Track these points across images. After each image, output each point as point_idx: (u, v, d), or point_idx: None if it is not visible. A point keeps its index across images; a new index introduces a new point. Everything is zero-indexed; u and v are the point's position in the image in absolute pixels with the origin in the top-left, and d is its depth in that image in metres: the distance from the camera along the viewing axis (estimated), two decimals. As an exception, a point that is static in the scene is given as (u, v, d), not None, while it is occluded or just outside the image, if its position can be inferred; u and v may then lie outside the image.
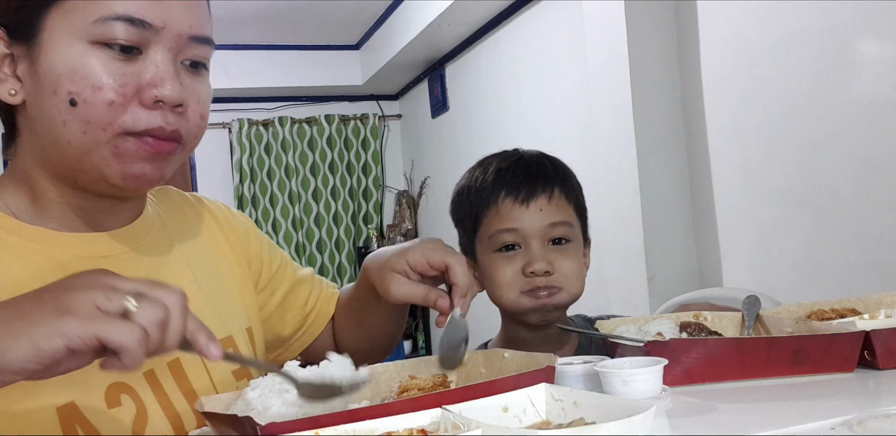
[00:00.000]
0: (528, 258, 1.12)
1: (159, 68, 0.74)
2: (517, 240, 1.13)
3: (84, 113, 0.72)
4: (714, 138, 2.38)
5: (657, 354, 0.80)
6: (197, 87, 0.78)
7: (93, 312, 0.57)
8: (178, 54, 0.76)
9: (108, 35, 0.71)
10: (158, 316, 0.59)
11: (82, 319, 0.56)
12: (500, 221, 1.14)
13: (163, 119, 0.74)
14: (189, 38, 0.76)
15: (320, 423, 0.59)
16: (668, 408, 0.74)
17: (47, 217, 0.79)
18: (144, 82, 0.73)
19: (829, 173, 1.99)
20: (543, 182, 1.15)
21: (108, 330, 0.56)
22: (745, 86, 2.24)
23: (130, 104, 0.73)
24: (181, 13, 0.75)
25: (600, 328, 1.00)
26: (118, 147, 0.74)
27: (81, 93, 0.71)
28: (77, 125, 0.72)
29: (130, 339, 0.57)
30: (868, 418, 0.61)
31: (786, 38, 2.08)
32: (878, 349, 0.83)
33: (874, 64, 1.85)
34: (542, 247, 1.12)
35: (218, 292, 0.91)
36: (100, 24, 0.71)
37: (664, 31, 2.49)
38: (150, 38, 0.73)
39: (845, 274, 1.95)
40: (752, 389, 0.79)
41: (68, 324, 0.56)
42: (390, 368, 0.83)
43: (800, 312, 1.00)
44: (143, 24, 0.72)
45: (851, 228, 1.93)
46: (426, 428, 0.60)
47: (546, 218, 1.13)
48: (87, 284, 0.59)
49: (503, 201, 1.14)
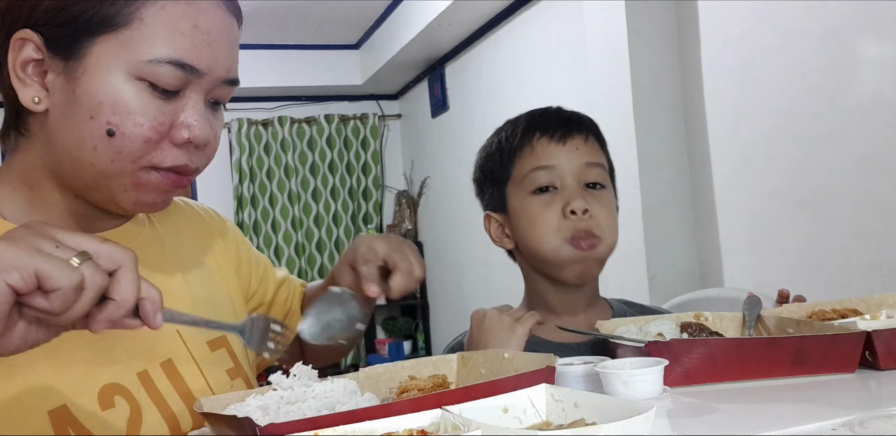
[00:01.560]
0: (566, 198, 1.08)
1: (194, 110, 0.76)
2: (553, 180, 1.09)
3: (119, 145, 0.73)
4: (715, 138, 2.38)
5: (658, 354, 0.80)
6: (216, 125, 0.81)
7: (34, 250, 0.57)
8: (209, 94, 0.78)
9: (156, 76, 0.73)
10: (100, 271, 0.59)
11: (22, 253, 0.56)
12: (536, 160, 1.10)
13: (188, 158, 0.77)
14: (224, 80, 0.78)
15: (319, 423, 0.59)
16: (668, 409, 0.74)
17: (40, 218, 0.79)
18: (178, 122, 0.75)
19: (830, 173, 1.99)
20: (578, 125, 1.13)
21: (47, 265, 0.56)
22: (745, 86, 2.24)
23: (163, 142, 0.75)
24: (225, 59, 0.78)
25: (600, 328, 0.99)
26: (140, 178, 0.76)
27: (121, 126, 0.73)
28: (108, 154, 0.74)
29: (66, 278, 0.56)
30: (869, 419, 0.61)
31: (786, 38, 2.08)
32: (880, 350, 0.83)
33: (875, 64, 1.85)
34: (578, 187, 1.10)
35: (209, 294, 0.91)
36: (151, 65, 0.73)
37: (665, 31, 2.49)
38: (192, 81, 0.75)
39: (846, 274, 1.95)
40: (753, 389, 0.79)
41: (6, 258, 0.55)
42: (390, 368, 0.82)
43: (801, 313, 1.00)
44: (192, 69, 0.74)
45: (852, 228, 1.93)
46: (426, 429, 0.59)
47: (582, 157, 1.10)
48: (32, 232, 0.59)
49: (538, 141, 1.11)
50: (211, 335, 0.88)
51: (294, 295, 1.09)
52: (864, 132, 1.88)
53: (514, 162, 1.13)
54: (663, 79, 2.47)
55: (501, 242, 1.17)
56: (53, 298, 0.57)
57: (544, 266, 1.12)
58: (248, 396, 0.73)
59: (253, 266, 1.03)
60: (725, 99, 2.33)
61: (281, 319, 1.06)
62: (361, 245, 0.91)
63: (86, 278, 0.58)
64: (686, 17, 2.45)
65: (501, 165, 1.15)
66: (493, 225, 1.18)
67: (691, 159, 2.47)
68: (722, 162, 2.35)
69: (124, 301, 0.60)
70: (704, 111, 2.40)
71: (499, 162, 1.15)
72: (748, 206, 2.27)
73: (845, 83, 1.92)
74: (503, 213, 1.15)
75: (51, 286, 0.56)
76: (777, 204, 2.16)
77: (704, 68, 2.39)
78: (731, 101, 2.31)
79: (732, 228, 2.34)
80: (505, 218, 1.15)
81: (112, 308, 0.60)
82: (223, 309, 0.93)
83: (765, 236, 2.22)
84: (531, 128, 1.13)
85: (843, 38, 1.91)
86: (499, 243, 1.18)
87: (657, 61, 2.47)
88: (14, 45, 0.74)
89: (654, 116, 2.45)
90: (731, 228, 2.34)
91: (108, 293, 0.60)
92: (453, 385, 0.81)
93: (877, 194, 1.86)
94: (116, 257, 0.60)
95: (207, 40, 0.75)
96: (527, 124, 1.14)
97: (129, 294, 0.60)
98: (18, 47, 0.74)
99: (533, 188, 1.10)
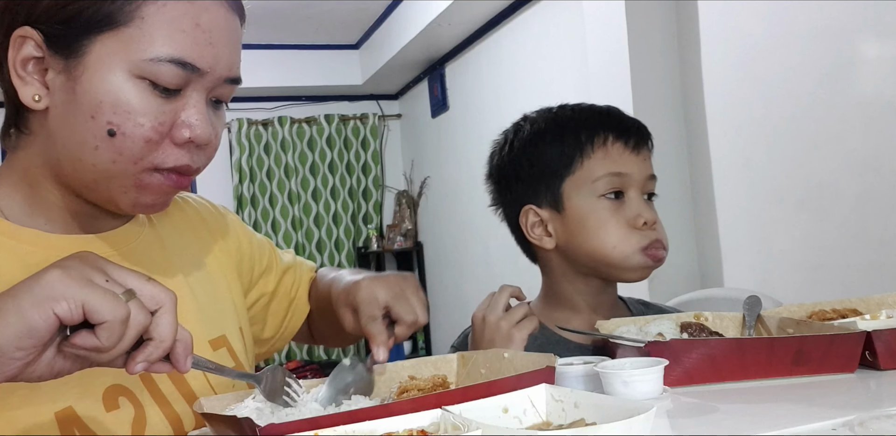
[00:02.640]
0: (634, 208, 1.07)
1: (195, 109, 0.75)
2: (622, 187, 1.07)
3: (120, 145, 0.72)
4: (715, 138, 2.38)
5: (658, 354, 0.80)
6: (218, 124, 0.80)
7: (85, 281, 0.57)
8: (210, 93, 0.77)
9: (157, 75, 0.72)
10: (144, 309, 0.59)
11: (73, 283, 0.56)
12: (612, 164, 1.07)
13: (190, 158, 0.76)
14: (226, 79, 0.77)
15: (319, 424, 0.59)
16: (668, 409, 0.73)
17: (40, 218, 0.79)
18: (179, 121, 0.74)
19: (830, 173, 1.99)
20: (646, 133, 1.12)
21: (96, 298, 0.56)
22: (746, 85, 2.24)
23: (164, 142, 0.74)
24: (226, 57, 0.76)
25: (600, 329, 0.99)
26: (143, 180, 0.75)
27: (122, 126, 0.72)
28: (109, 154, 0.73)
29: (114, 312, 0.56)
30: (869, 419, 0.61)
31: (787, 38, 2.08)
32: (880, 350, 0.83)
33: (876, 63, 1.84)
34: (641, 197, 1.08)
35: (208, 293, 0.91)
36: (152, 63, 0.72)
37: (665, 31, 2.48)
38: (193, 80, 0.74)
39: (846, 274, 1.94)
40: (753, 389, 0.79)
41: (56, 287, 0.56)
42: (390, 368, 0.82)
43: (801, 313, 1.00)
44: (194, 68, 0.73)
45: (853, 228, 1.93)
46: (426, 429, 0.59)
47: (648, 169, 1.10)
48: (84, 263, 0.59)
49: (613, 145, 1.08)
50: (212, 334, 0.88)
51: (301, 282, 1.07)
52: (865, 132, 1.88)
53: (582, 159, 1.08)
54: (663, 79, 2.47)
55: (541, 241, 1.11)
56: (101, 332, 0.57)
57: (603, 267, 1.08)
58: (248, 396, 0.73)
59: (255, 259, 1.02)
60: (725, 99, 2.33)
61: (285, 309, 1.05)
62: (362, 291, 0.86)
63: (131, 315, 0.58)
64: (686, 16, 2.45)
65: (562, 158, 1.09)
66: (531, 220, 1.11)
67: (691, 159, 2.47)
68: (722, 162, 2.35)
69: (163, 342, 0.60)
70: (704, 111, 2.40)
71: (558, 154, 1.09)
72: (748, 205, 2.27)
73: (845, 82, 1.92)
74: (552, 209, 1.10)
75: (98, 319, 0.56)
76: (777, 204, 2.16)
77: (704, 68, 2.39)
78: (731, 101, 2.31)
79: (732, 227, 2.34)
80: (553, 215, 1.10)
81: (151, 348, 0.60)
82: (224, 310, 0.93)
83: (765, 236, 2.22)
84: (603, 127, 1.09)
85: (843, 38, 1.91)
86: (537, 241, 1.11)
87: (657, 61, 2.47)
88: (14, 43, 0.73)
89: (655, 116, 2.45)
90: (732, 228, 2.34)
91: (148, 333, 0.60)
92: (453, 385, 0.80)
93: (877, 194, 1.86)
94: (159, 298, 0.61)
95: (209, 39, 0.74)
96: (597, 121, 1.10)
97: (168, 335, 0.60)
98: (18, 45, 0.73)
99: (603, 192, 1.07)
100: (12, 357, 0.56)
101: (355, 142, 5.46)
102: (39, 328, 0.55)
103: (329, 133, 5.39)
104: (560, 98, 1.21)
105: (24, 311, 0.55)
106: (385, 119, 5.57)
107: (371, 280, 0.88)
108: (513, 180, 1.14)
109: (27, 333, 0.55)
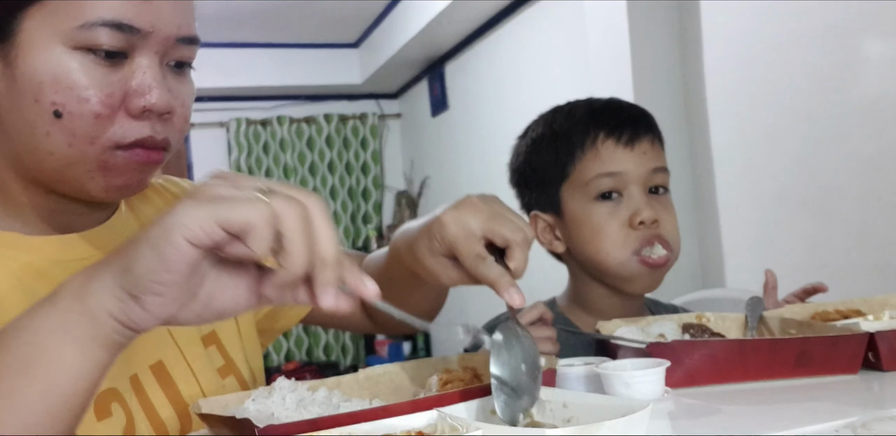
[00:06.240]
0: (632, 207, 1.03)
1: (146, 75, 0.69)
2: (618, 186, 1.04)
3: (70, 125, 0.67)
4: (717, 138, 2.38)
5: (659, 355, 0.79)
6: (182, 91, 0.74)
7: (209, 198, 0.52)
8: (165, 57, 0.71)
9: (93, 41, 0.66)
10: (294, 206, 0.52)
11: (199, 205, 0.51)
12: (602, 165, 1.04)
13: (151, 129, 0.70)
14: (177, 39, 0.71)
15: (318, 425, 0.58)
16: (670, 410, 0.73)
17: (14, 220, 0.74)
18: (131, 90, 0.69)
19: (833, 173, 1.98)
20: (645, 124, 1.08)
21: (228, 210, 0.51)
22: (748, 85, 2.24)
23: (118, 115, 0.69)
24: (170, 15, 0.70)
25: (601, 329, 0.99)
26: (107, 161, 0.69)
27: (66, 104, 0.67)
28: (62, 137, 0.68)
29: (256, 215, 0.51)
30: (872, 421, 0.61)
31: (789, 38, 2.07)
32: (883, 351, 0.82)
33: (879, 63, 1.84)
34: (643, 194, 1.04)
35: None
36: (85, 30, 0.66)
37: (667, 31, 2.48)
38: (137, 43, 0.68)
39: (849, 275, 1.94)
40: (756, 391, 0.78)
41: (184, 214, 0.51)
42: (390, 369, 0.82)
43: (803, 314, 0.99)
44: (132, 29, 0.67)
45: (855, 229, 1.93)
46: (423, 430, 0.59)
47: (649, 162, 1.05)
48: (209, 184, 0.54)
49: (603, 143, 1.04)
50: (204, 330, 0.84)
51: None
52: (868, 132, 1.87)
53: (574, 163, 1.06)
54: (665, 78, 2.47)
55: (551, 246, 1.10)
56: (246, 238, 0.51)
57: (605, 277, 1.07)
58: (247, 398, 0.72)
59: None
60: (728, 98, 2.32)
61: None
62: (450, 228, 0.71)
63: (276, 209, 0.51)
64: (688, 16, 2.45)
65: (556, 163, 1.07)
66: (540, 226, 1.11)
67: (694, 159, 2.47)
68: (725, 162, 2.35)
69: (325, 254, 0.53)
70: (707, 111, 2.40)
71: (553, 159, 1.07)
72: (751, 206, 2.27)
73: (849, 82, 1.91)
74: (554, 214, 1.09)
75: (237, 228, 0.51)
76: (780, 204, 2.16)
77: (706, 68, 2.38)
78: (733, 101, 2.30)
79: (735, 228, 2.34)
80: (557, 220, 1.09)
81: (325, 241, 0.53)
82: None
83: (767, 237, 2.21)
84: (594, 126, 1.06)
85: (846, 37, 1.91)
86: (548, 246, 1.11)
87: (659, 61, 2.47)
88: None
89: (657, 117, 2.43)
90: (734, 229, 2.34)
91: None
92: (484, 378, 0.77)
93: (881, 194, 1.85)
94: (307, 201, 0.54)
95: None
96: (588, 121, 1.07)
97: (330, 249, 0.53)
98: None
99: (596, 194, 1.04)
100: (154, 293, 0.52)
101: (354, 141, 5.46)
102: (173, 259, 0.51)
103: (328, 133, 5.39)
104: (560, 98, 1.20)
105: (154, 242, 0.51)
106: (384, 118, 5.57)
107: (452, 212, 0.73)
108: (522, 187, 1.15)
109: (161, 265, 0.51)
